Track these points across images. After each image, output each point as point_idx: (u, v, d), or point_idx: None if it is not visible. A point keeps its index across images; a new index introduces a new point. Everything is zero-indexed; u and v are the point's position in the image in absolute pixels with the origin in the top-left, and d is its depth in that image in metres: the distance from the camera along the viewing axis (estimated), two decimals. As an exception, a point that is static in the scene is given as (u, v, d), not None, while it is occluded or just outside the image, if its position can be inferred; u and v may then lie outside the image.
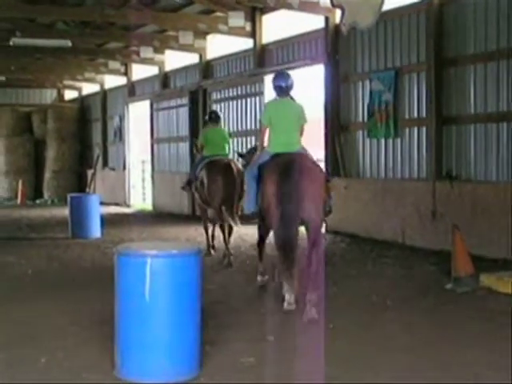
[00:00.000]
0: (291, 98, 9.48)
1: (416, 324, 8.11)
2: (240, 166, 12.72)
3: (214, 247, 13.64)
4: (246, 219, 11.21)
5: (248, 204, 9.52)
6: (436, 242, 12.89)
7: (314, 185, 8.64)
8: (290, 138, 9.16)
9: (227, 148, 13.59)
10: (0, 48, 24.40)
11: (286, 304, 8.67)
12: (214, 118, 13.84)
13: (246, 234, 15.86)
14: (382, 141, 15.09)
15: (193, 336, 6.29)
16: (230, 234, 12.84)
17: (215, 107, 20.70)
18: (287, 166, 8.59)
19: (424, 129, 14.06)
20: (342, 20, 14.07)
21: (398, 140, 14.68)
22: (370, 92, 15.23)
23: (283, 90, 9.40)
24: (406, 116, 14.47)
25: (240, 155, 13.00)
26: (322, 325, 7.77)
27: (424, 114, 14.04)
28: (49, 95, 34.46)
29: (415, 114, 14.30)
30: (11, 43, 21.00)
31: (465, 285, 9.73)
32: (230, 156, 13.74)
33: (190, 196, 15.92)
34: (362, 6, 13.22)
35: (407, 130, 14.49)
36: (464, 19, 13.08)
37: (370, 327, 8.00)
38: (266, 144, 9.51)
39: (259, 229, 10.02)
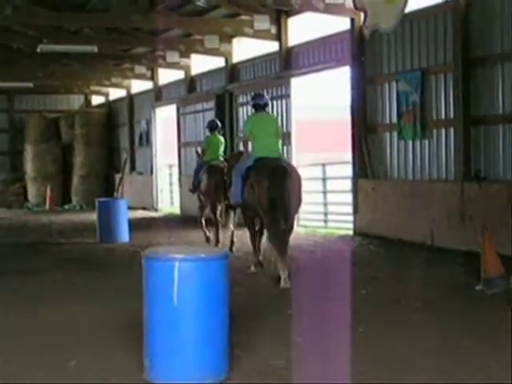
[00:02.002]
0: (267, 113, 12.06)
1: (446, 326, 8.05)
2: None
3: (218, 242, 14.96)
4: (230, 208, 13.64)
5: (234, 197, 11.78)
6: (465, 243, 12.79)
7: (296, 185, 10.78)
8: (269, 145, 11.29)
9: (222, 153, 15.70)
10: (28, 55, 24.67)
11: (282, 282, 10.39)
12: (215, 126, 16.00)
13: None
14: (410, 142, 15.01)
15: (221, 339, 6.28)
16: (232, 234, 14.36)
17: (241, 110, 20.75)
18: (276, 171, 10.68)
19: (452, 130, 13.97)
20: (364, 23, 14.08)
21: (426, 141, 14.60)
22: (397, 93, 15.17)
23: (261, 106, 11.72)
24: (434, 117, 14.39)
25: (225, 160, 14.95)
26: (351, 327, 7.74)
27: (451, 115, 13.95)
28: (76, 101, 34.68)
29: (442, 115, 14.22)
30: (38, 50, 21.16)
31: (495, 286, 9.65)
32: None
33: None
34: (385, 8, 13.20)
35: (435, 131, 14.41)
36: (491, 18, 12.98)
37: (399, 329, 7.95)
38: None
39: (247, 225, 11.87)
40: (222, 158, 15.45)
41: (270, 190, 10.52)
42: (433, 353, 6.94)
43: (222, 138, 16.08)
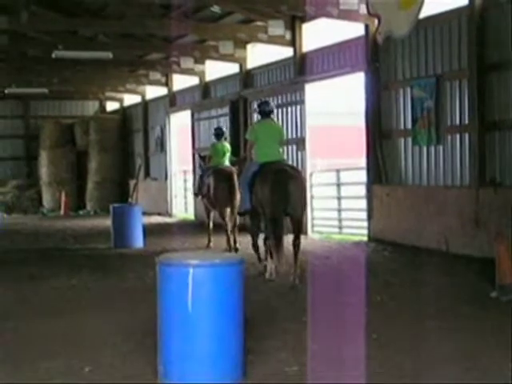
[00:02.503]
0: (272, 120, 12.32)
1: (461, 333, 8.02)
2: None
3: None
4: (240, 215, 13.95)
5: (243, 204, 12.14)
6: (479, 249, 12.75)
7: (299, 188, 11.26)
8: (272, 150, 11.72)
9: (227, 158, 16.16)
10: (43, 61, 24.77)
11: (267, 274, 11.49)
12: (221, 133, 16.47)
13: (287, 242, 15.86)
14: (424, 148, 14.98)
15: (236, 345, 6.28)
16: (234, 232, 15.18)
17: (256, 116, 20.72)
18: (280, 172, 11.17)
19: (466, 135, 13.93)
20: (378, 29, 14.07)
21: (441, 147, 14.56)
22: (412, 99, 15.14)
23: (266, 113, 12.10)
24: (448, 123, 14.35)
25: (232, 164, 15.54)
26: (365, 334, 7.72)
27: (466, 121, 13.91)
28: (91, 107, 34.80)
29: (457, 121, 14.18)
30: (53, 56, 21.24)
31: (510, 293, 9.60)
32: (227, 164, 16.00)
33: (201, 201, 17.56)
34: (399, 14, 13.19)
35: (449, 137, 14.37)
36: (506, 24, 12.93)
37: (414, 336, 7.93)
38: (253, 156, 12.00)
39: (252, 231, 12.36)
40: (227, 164, 15.85)
41: (275, 189, 10.99)
42: (446, 360, 6.92)
43: (228, 145, 16.49)
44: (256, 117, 20.22)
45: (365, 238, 16.35)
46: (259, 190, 11.27)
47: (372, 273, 11.82)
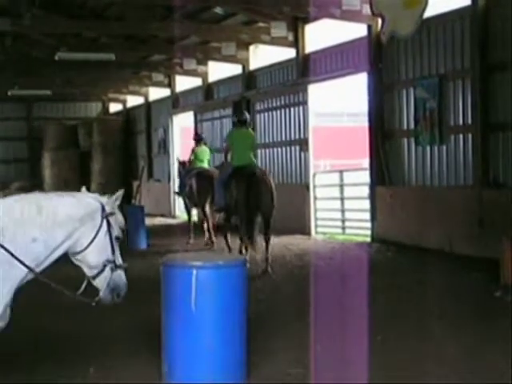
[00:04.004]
0: (246, 128, 13.86)
1: (465, 333, 8.02)
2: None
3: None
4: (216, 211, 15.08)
5: (218, 201, 13.68)
6: (483, 249, 12.72)
7: (269, 191, 12.61)
8: (245, 155, 13.23)
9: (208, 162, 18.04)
10: (46, 63, 24.76)
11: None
12: (201, 138, 18.49)
13: (291, 243, 15.89)
14: (428, 148, 14.96)
15: (239, 346, 6.28)
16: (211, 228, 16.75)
17: (259, 117, 20.77)
18: (251, 176, 12.62)
19: (470, 136, 13.92)
20: (382, 29, 14.05)
21: (444, 147, 14.55)
22: (415, 99, 15.13)
23: (241, 122, 13.72)
24: (452, 123, 14.34)
25: (216, 167, 16.61)
26: (369, 335, 7.71)
27: (470, 121, 13.89)
28: (94, 108, 34.84)
29: (460, 121, 14.16)
30: (56, 58, 21.25)
31: (514, 293, 9.60)
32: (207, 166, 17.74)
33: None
34: (403, 14, 13.16)
35: (453, 137, 14.35)
36: (508, 23, 12.90)
37: (418, 337, 7.92)
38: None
39: (225, 225, 13.82)
40: (206, 166, 17.70)
41: (247, 191, 12.49)
42: (450, 361, 6.91)
43: (207, 150, 18.32)
44: (263, 118, 20.38)
45: (368, 239, 16.35)
46: (234, 191, 12.79)
47: (375, 273, 11.81)
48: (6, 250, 4.83)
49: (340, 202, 18.97)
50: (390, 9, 13.58)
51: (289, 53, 19.52)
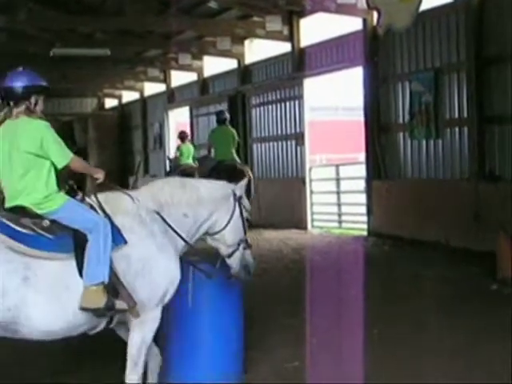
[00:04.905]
0: (226, 126, 15.78)
1: (462, 326, 8.03)
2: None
3: None
4: None
5: None
6: (480, 243, 12.72)
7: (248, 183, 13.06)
8: (226, 151, 15.01)
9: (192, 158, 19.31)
10: (41, 58, 24.68)
11: None
12: (185, 136, 19.99)
13: (287, 237, 15.89)
14: (424, 142, 14.96)
15: (236, 341, 6.29)
16: None
17: (254, 112, 20.76)
18: (232, 169, 13.96)
19: (465, 129, 13.92)
20: (378, 22, 14.03)
21: (440, 141, 14.55)
22: (410, 93, 15.13)
23: (222, 120, 15.85)
24: (447, 116, 14.34)
25: (198, 159, 18.41)
26: (366, 329, 7.71)
27: (465, 114, 13.89)
28: (89, 104, 34.78)
29: (456, 115, 14.16)
30: (51, 54, 21.21)
31: (510, 286, 9.61)
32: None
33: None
34: (399, 7, 13.15)
35: (448, 131, 14.36)
36: (504, 16, 12.90)
37: (414, 330, 7.93)
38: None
39: None
40: (191, 162, 18.98)
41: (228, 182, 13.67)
42: (447, 354, 6.92)
43: (191, 147, 19.84)
44: (258, 112, 20.40)
45: (364, 233, 16.36)
46: None
47: (372, 267, 11.81)
48: (167, 223, 5.50)
49: (336, 196, 18.99)
50: (386, 2, 13.56)
51: (284, 47, 19.51)
